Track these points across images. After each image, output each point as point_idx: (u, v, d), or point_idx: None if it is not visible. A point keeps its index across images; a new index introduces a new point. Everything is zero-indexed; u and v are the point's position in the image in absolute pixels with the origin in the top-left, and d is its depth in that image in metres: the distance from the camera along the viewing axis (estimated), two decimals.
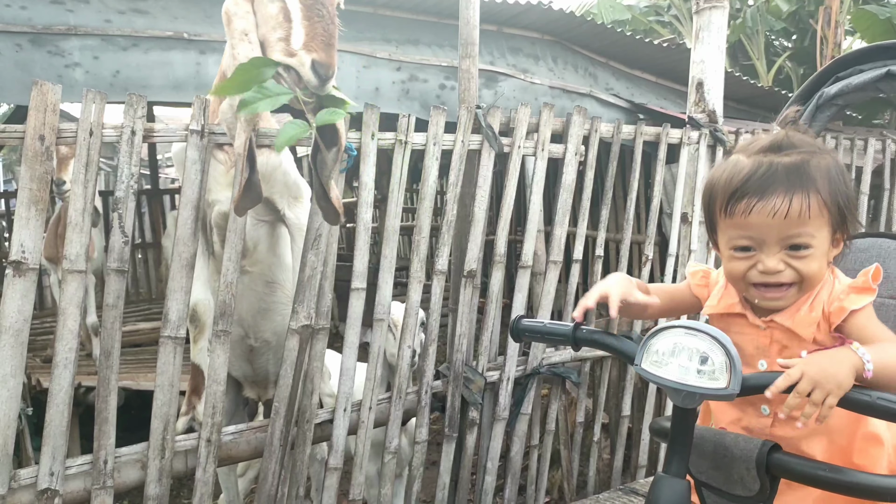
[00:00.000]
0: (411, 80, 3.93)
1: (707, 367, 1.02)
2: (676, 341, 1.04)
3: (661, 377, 1.05)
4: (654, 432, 1.32)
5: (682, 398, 1.05)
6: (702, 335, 1.02)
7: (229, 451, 2.24)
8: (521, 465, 3.00)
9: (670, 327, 1.05)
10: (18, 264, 1.77)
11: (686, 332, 1.04)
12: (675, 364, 1.04)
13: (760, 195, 1.14)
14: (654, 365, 1.06)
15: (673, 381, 1.04)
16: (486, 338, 2.76)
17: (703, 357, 1.02)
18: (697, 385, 1.02)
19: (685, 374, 1.03)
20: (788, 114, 1.36)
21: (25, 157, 1.74)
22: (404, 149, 2.34)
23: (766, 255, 1.16)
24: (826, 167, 1.16)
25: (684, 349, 1.03)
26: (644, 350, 1.07)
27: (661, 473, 1.09)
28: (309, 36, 1.83)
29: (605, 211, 3.05)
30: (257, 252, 2.38)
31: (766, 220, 1.14)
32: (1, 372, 1.80)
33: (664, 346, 1.05)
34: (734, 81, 5.11)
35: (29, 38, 2.73)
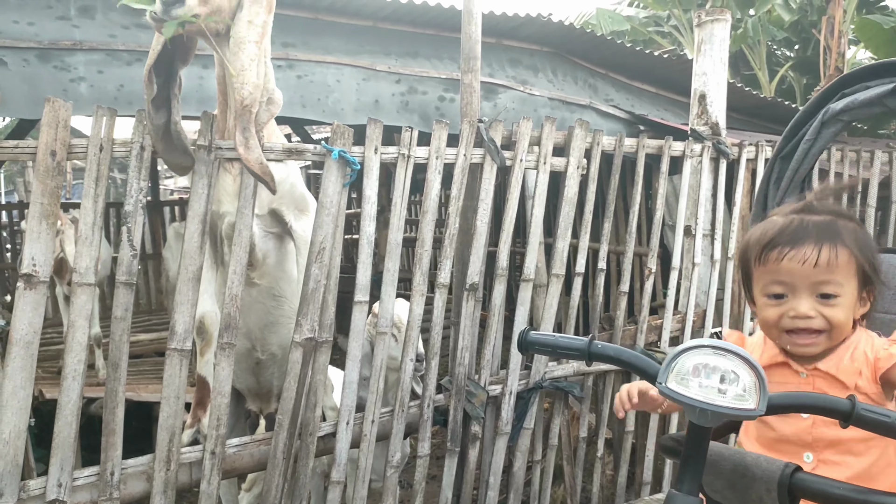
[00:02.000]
0: (411, 93, 4.01)
1: (735, 387, 1.04)
2: (703, 361, 1.05)
3: (687, 396, 1.05)
4: (665, 450, 1.32)
5: (708, 418, 1.06)
6: (730, 355, 1.04)
7: (233, 464, 2.30)
8: (523, 480, 3.04)
9: (697, 346, 1.07)
10: (29, 277, 1.84)
11: (714, 352, 1.05)
12: (701, 383, 1.05)
13: (792, 244, 1.27)
14: (679, 384, 1.06)
15: (700, 402, 1.04)
16: (488, 351, 2.81)
17: (732, 377, 1.04)
18: (725, 405, 1.03)
19: (711, 393, 1.04)
20: (825, 187, 1.49)
21: (37, 172, 1.82)
22: (407, 162, 2.42)
23: (797, 300, 1.27)
24: (853, 228, 1.31)
25: (712, 369, 1.05)
26: (669, 369, 1.08)
27: (673, 491, 1.10)
28: None
29: (608, 224, 3.12)
30: (266, 265, 2.45)
31: (797, 267, 1.26)
32: (11, 384, 1.86)
33: (690, 364, 1.06)
34: (736, 92, 5.20)
35: (35, 53, 2.82)
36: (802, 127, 2.02)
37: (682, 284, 3.45)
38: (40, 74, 2.82)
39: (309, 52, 3.69)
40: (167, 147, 1.98)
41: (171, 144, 1.98)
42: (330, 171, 2.25)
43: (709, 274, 3.52)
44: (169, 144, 1.98)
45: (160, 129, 1.96)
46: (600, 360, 1.24)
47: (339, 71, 3.79)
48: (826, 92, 2.01)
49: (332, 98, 3.76)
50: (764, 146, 3.66)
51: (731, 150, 3.49)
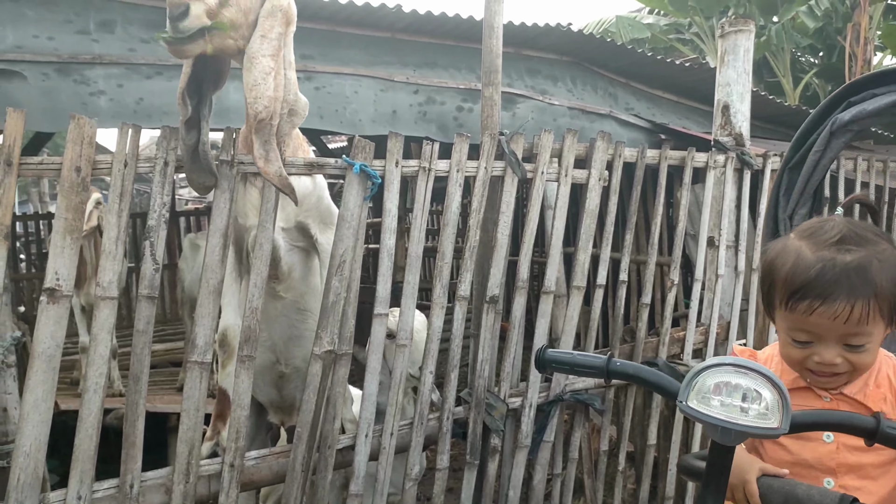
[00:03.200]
0: (428, 103, 4.04)
1: (757, 405, 1.04)
2: (725, 379, 1.05)
3: (708, 415, 1.05)
4: (685, 471, 1.30)
5: (731, 437, 1.06)
6: (752, 373, 1.04)
7: (252, 476, 2.31)
8: (543, 493, 3.03)
9: (718, 364, 1.07)
10: (53, 291, 1.87)
11: (736, 371, 1.05)
12: (722, 402, 1.05)
13: (823, 299, 1.20)
14: (700, 402, 1.06)
15: (721, 420, 1.04)
16: (508, 363, 2.82)
17: (754, 395, 1.04)
18: (748, 424, 1.03)
19: (733, 412, 1.04)
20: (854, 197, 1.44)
21: (62, 188, 1.85)
22: (428, 176, 2.44)
23: (823, 348, 1.25)
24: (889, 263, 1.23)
25: (734, 387, 1.05)
26: (690, 387, 1.08)
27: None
28: None
29: (629, 235, 3.12)
30: (291, 278, 2.47)
31: (827, 322, 1.21)
32: (32, 397, 1.89)
33: (711, 383, 1.06)
34: (759, 100, 5.18)
35: (55, 67, 2.88)
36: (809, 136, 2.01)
37: (705, 296, 3.44)
38: (60, 88, 2.88)
39: (327, 63, 3.73)
40: (193, 166, 2.01)
41: (197, 164, 2.01)
42: (351, 184, 2.27)
43: (733, 285, 3.51)
44: (196, 164, 2.01)
45: (190, 148, 1.99)
46: (619, 377, 1.25)
47: (356, 82, 3.83)
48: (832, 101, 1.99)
49: (349, 109, 3.80)
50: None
51: (755, 160, 3.48)
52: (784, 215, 2.02)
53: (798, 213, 2.01)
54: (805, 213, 2.01)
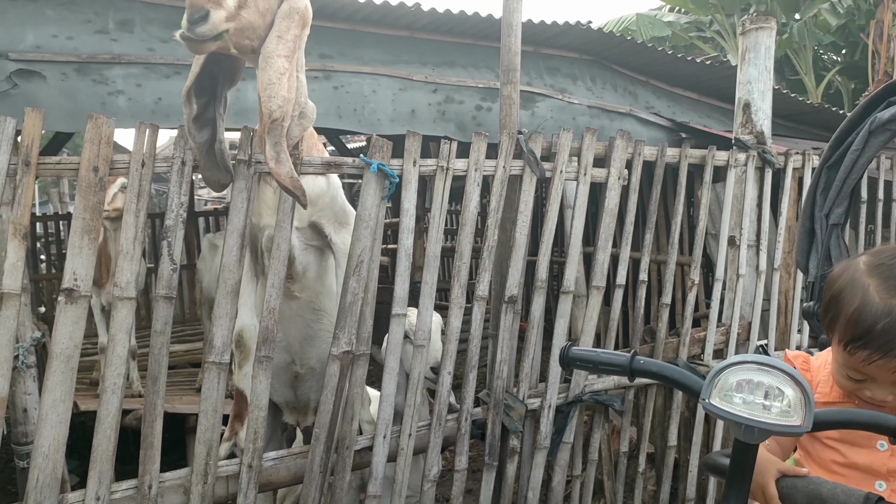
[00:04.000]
0: (447, 102, 4.02)
1: (780, 402, 1.03)
2: (747, 377, 1.05)
3: (731, 413, 1.05)
4: (710, 468, 1.31)
5: (755, 435, 1.05)
6: (775, 371, 1.04)
7: (270, 477, 2.30)
8: (563, 495, 3.00)
9: (741, 362, 1.07)
10: (70, 292, 1.87)
11: (758, 368, 1.05)
12: (744, 399, 1.05)
13: (884, 353, 1.19)
14: (723, 400, 1.06)
15: (744, 418, 1.04)
16: (526, 364, 2.79)
17: (776, 393, 1.04)
18: (769, 422, 1.03)
19: (755, 409, 1.04)
20: None
21: (80, 187, 1.85)
22: (446, 175, 2.41)
23: (877, 388, 1.25)
24: None
25: (756, 384, 1.05)
26: (713, 385, 1.08)
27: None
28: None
29: (649, 234, 3.07)
30: (306, 278, 2.46)
31: (884, 372, 1.21)
32: (51, 397, 1.89)
33: (733, 381, 1.06)
34: (781, 98, 5.10)
35: (74, 66, 2.88)
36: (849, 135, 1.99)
37: (726, 296, 3.39)
38: (79, 88, 2.88)
39: (345, 62, 3.71)
40: (208, 164, 1.99)
41: (212, 162, 1.99)
42: (368, 184, 2.25)
43: (754, 285, 3.46)
44: (210, 162, 1.99)
45: (203, 146, 1.97)
46: (642, 375, 1.25)
47: (375, 81, 3.81)
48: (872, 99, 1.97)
49: (368, 108, 3.79)
50: (811, 154, 3.59)
51: (777, 159, 3.43)
52: (821, 214, 1.98)
53: (834, 211, 1.97)
54: (841, 213, 1.98)
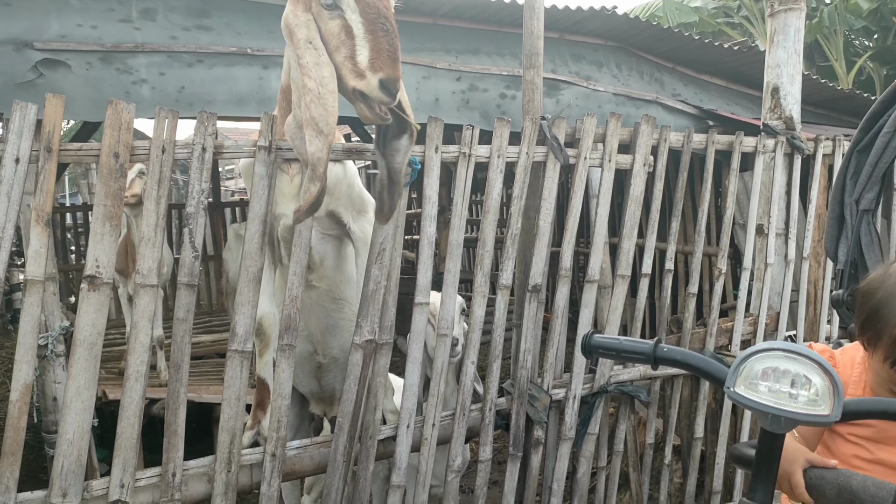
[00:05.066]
0: (471, 90, 3.96)
1: (807, 392, 1.00)
2: (773, 364, 1.02)
3: (757, 401, 1.02)
4: (735, 459, 1.28)
5: (782, 424, 1.02)
6: (802, 358, 1.00)
7: (293, 466, 2.29)
8: (588, 486, 2.96)
9: (767, 349, 1.04)
10: (93, 279, 1.86)
11: (785, 356, 1.02)
12: (771, 388, 1.02)
13: None
14: (748, 389, 1.03)
15: (770, 407, 1.01)
16: (551, 354, 2.75)
17: (804, 381, 1.00)
18: (797, 411, 1.00)
19: (781, 398, 1.01)
20: None
21: (101, 174, 1.83)
22: (468, 162, 2.37)
23: None
24: None
25: (782, 372, 1.01)
26: (738, 373, 1.05)
27: (745, 500, 1.07)
28: (374, 52, 1.81)
29: (675, 223, 3.01)
30: (324, 267, 2.43)
31: None
32: (75, 384, 1.89)
33: (759, 368, 1.03)
34: (810, 84, 4.98)
35: (99, 56, 2.88)
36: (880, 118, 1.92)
37: (753, 286, 3.31)
38: (103, 77, 2.88)
39: None
40: (307, 211, 1.94)
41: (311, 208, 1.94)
42: None
43: (782, 275, 3.38)
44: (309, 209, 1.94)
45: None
46: (666, 363, 1.21)
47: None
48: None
49: None
50: (841, 140, 3.49)
51: (807, 145, 3.34)
52: (851, 199, 1.91)
53: (865, 196, 1.90)
54: (872, 198, 1.91)
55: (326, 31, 1.87)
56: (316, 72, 1.83)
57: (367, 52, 1.81)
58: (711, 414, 3.30)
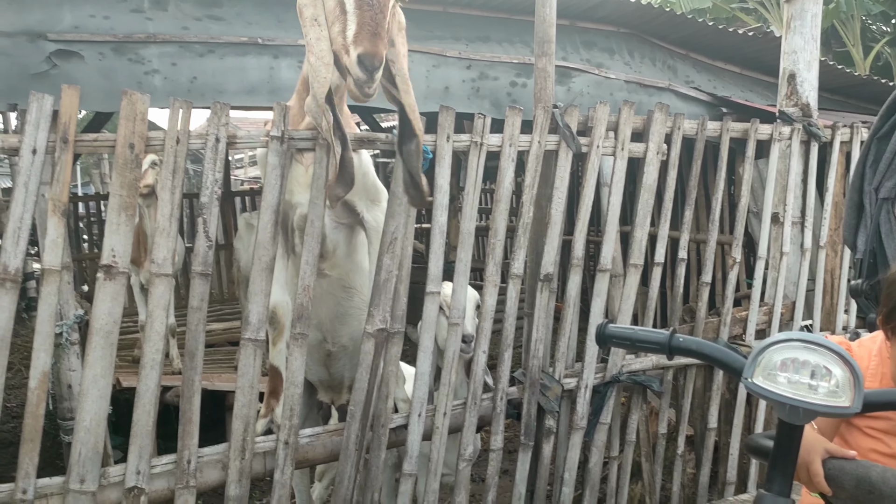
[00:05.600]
0: (481, 79, 3.97)
1: (826, 383, 0.99)
2: (793, 355, 1.02)
3: (775, 392, 1.02)
4: (752, 450, 1.28)
5: (800, 416, 1.02)
6: (822, 349, 1.00)
7: (306, 454, 2.33)
8: (600, 476, 2.98)
9: (786, 340, 1.03)
10: (109, 268, 1.90)
11: (805, 347, 1.01)
12: (790, 379, 1.01)
13: None
14: (766, 379, 1.03)
15: (789, 398, 1.01)
16: (562, 343, 2.77)
17: (824, 373, 1.00)
18: (817, 402, 1.00)
19: (801, 389, 1.01)
20: None
21: (116, 164, 1.87)
22: (479, 150, 2.38)
23: None
24: None
25: (802, 363, 1.01)
26: (756, 364, 1.04)
27: (762, 491, 1.07)
28: (358, 27, 1.86)
29: (689, 211, 3.01)
30: (336, 256, 2.47)
31: None
32: (91, 372, 1.93)
33: (778, 359, 1.02)
34: (827, 70, 4.94)
35: (111, 46, 2.92)
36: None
37: (769, 275, 3.31)
38: (115, 67, 2.92)
39: None
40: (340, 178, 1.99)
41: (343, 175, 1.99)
42: None
43: (798, 264, 3.38)
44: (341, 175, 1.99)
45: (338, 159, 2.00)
46: (682, 353, 1.22)
47: (408, 58, 3.77)
48: None
49: None
50: (859, 128, 3.47)
51: (823, 132, 3.32)
52: (870, 187, 1.91)
53: (885, 185, 1.90)
54: (892, 186, 1.91)
55: (327, 7, 1.93)
56: (317, 46, 1.91)
57: (354, 27, 1.87)
58: (725, 404, 3.30)
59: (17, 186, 1.78)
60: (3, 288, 1.81)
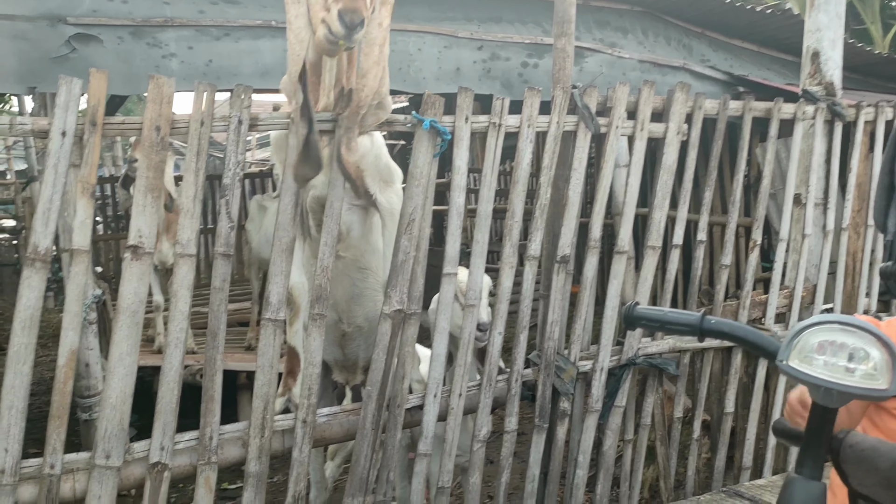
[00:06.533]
0: (493, 59, 4.00)
1: (865, 365, 1.01)
2: (830, 337, 1.03)
3: (811, 375, 1.03)
4: (781, 433, 1.27)
5: (834, 398, 1.03)
6: (860, 331, 1.01)
7: (323, 433, 2.41)
8: (614, 459, 3.03)
9: (823, 322, 1.04)
10: (136, 248, 1.98)
11: (841, 328, 1.02)
12: (826, 361, 1.02)
13: None
14: (802, 362, 1.04)
15: (824, 381, 1.02)
16: (578, 325, 2.82)
17: (862, 355, 1.01)
18: (853, 385, 1.01)
19: (837, 372, 1.02)
20: None
21: (142, 147, 1.95)
22: (498, 132, 2.44)
23: None
24: None
25: (839, 346, 1.02)
26: (791, 346, 1.05)
27: (793, 475, 1.09)
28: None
29: (709, 192, 3.05)
30: (350, 237, 2.54)
31: None
32: (118, 350, 2.02)
33: (815, 341, 1.04)
34: (847, 48, 4.93)
35: (129, 30, 3.00)
36: None
37: (789, 258, 3.34)
38: (133, 51, 2.99)
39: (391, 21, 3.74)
40: (304, 157, 2.05)
41: (307, 155, 2.05)
42: (420, 141, 2.30)
43: (820, 246, 3.40)
44: (305, 155, 2.05)
45: (303, 139, 2.04)
46: (713, 336, 1.21)
47: (420, 39, 3.83)
48: None
49: (413, 67, 3.81)
50: (884, 107, 3.49)
51: (848, 111, 3.34)
52: None
53: None
54: None
55: None
56: (295, 23, 2.01)
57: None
58: (743, 388, 3.33)
59: (46, 168, 1.86)
60: (34, 267, 1.90)
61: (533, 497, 2.81)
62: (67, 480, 2.02)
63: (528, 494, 2.81)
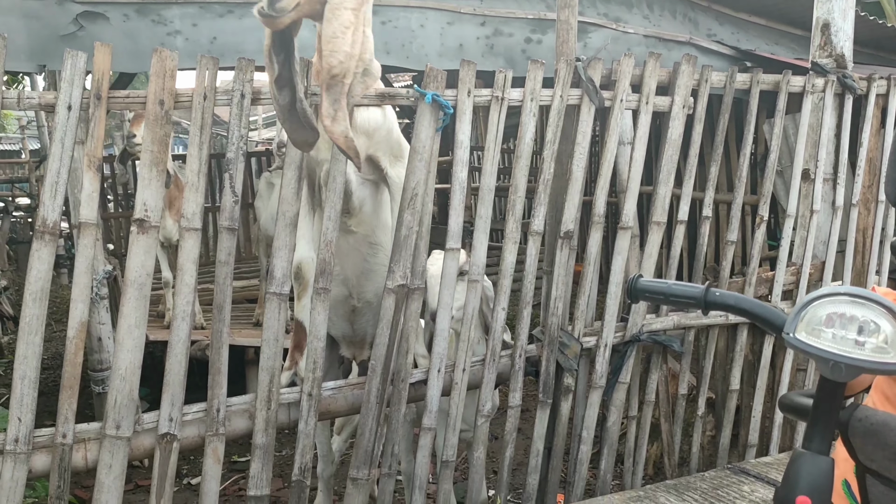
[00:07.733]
0: (496, 35, 4.02)
1: (874, 339, 1.00)
2: (839, 310, 1.02)
3: (819, 348, 1.02)
4: (788, 408, 1.27)
5: (843, 372, 1.02)
6: (870, 304, 1.01)
7: (328, 406, 2.48)
8: (618, 435, 3.08)
9: (832, 294, 1.04)
10: (142, 222, 2.05)
11: (852, 301, 1.01)
12: (835, 334, 1.02)
13: None
14: (810, 335, 1.03)
15: (833, 354, 1.01)
16: (582, 301, 2.86)
17: (872, 328, 1.01)
18: (862, 358, 1.00)
19: (846, 345, 1.01)
20: None
21: (147, 121, 2.01)
22: (501, 105, 2.48)
23: None
24: None
25: (849, 318, 1.01)
26: (799, 318, 1.04)
27: (801, 449, 1.09)
28: None
29: (715, 168, 3.08)
30: (362, 212, 2.59)
31: None
32: (126, 323, 2.09)
33: (823, 314, 1.03)
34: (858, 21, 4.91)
35: (135, 8, 3.06)
36: None
37: (797, 234, 3.36)
38: (139, 29, 3.05)
39: None
40: (293, 125, 2.06)
41: (296, 122, 2.06)
42: (423, 115, 2.34)
43: (829, 222, 3.41)
44: (295, 123, 2.06)
45: (285, 108, 2.06)
46: (718, 308, 1.21)
47: (422, 15, 3.85)
48: None
49: (416, 43, 3.84)
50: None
51: (859, 84, 3.33)
52: None
53: None
54: None
55: None
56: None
57: None
58: (748, 366, 3.36)
59: (53, 142, 1.93)
60: (43, 240, 1.97)
61: (537, 472, 2.87)
62: (79, 450, 2.10)
63: (532, 469, 2.87)
